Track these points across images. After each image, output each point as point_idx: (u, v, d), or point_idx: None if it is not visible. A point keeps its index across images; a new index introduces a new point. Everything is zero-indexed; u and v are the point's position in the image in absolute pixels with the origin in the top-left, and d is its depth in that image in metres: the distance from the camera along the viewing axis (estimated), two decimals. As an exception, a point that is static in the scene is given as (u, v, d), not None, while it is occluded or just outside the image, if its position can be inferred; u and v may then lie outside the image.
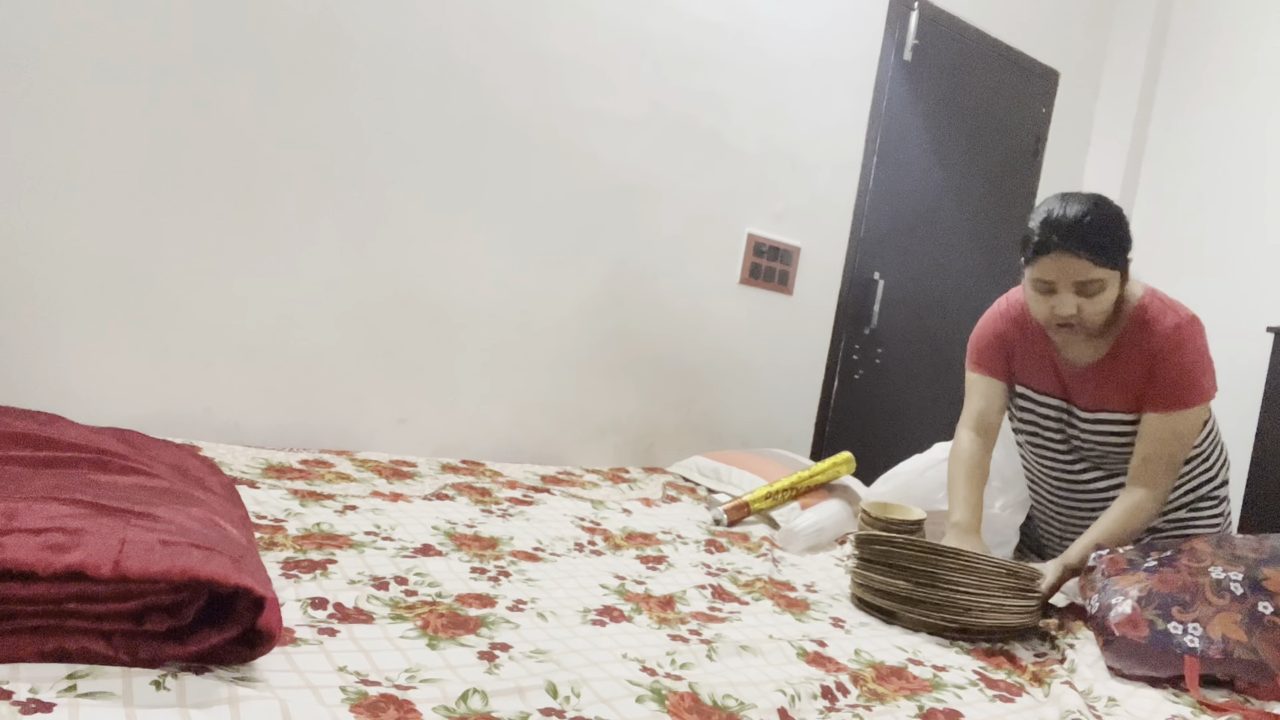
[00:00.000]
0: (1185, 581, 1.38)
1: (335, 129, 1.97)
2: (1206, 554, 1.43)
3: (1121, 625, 1.34)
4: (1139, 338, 1.58)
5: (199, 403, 1.89)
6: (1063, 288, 1.50)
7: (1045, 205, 1.52)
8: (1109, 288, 1.50)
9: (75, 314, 1.74)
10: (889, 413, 3.18)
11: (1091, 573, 1.51)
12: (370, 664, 0.95)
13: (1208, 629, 1.31)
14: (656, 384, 2.60)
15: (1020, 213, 3.50)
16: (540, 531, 1.60)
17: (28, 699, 0.71)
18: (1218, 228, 3.37)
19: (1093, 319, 1.52)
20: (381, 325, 2.10)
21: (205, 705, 0.76)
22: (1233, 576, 1.36)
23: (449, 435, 2.23)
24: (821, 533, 1.89)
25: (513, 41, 2.18)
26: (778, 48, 2.67)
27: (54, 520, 0.85)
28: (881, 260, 3.06)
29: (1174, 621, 1.33)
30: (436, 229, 2.14)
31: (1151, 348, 1.56)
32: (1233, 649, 1.28)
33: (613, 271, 2.45)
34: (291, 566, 1.19)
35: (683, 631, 1.23)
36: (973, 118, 3.25)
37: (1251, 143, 3.31)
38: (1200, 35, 3.52)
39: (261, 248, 1.92)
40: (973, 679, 1.23)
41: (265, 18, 1.86)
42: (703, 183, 2.58)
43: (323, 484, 1.64)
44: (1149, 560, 1.45)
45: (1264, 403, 2.82)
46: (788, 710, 1.01)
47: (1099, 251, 1.46)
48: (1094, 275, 1.47)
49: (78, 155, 1.70)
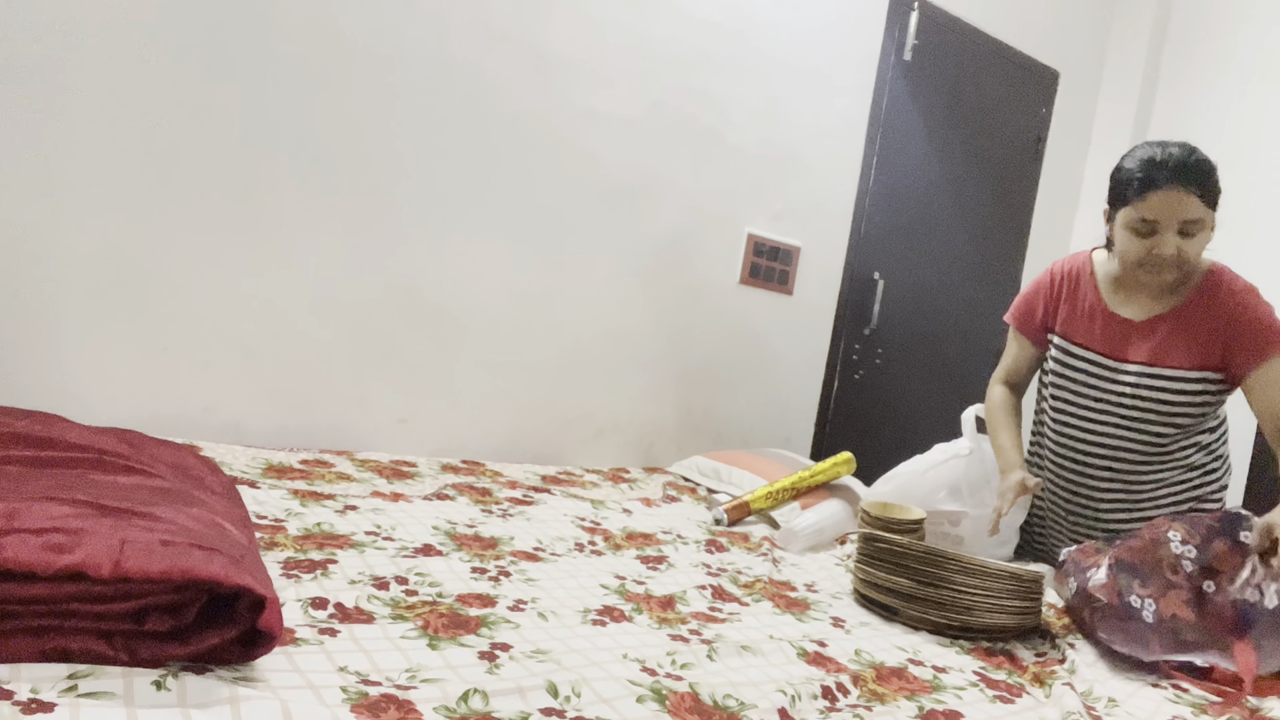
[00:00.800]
0: (1146, 553, 1.40)
1: (335, 129, 1.97)
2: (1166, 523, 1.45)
3: (1101, 590, 1.36)
4: (1214, 294, 1.62)
5: (199, 403, 1.89)
6: (1165, 227, 1.52)
7: (1139, 151, 1.56)
8: (1207, 229, 1.54)
9: (75, 314, 1.74)
10: (889, 413, 3.18)
11: (1064, 565, 1.54)
12: (371, 664, 0.95)
13: (1160, 606, 1.32)
14: (656, 384, 2.60)
15: (1021, 213, 3.51)
16: (541, 531, 1.60)
17: (29, 699, 0.72)
18: (1218, 227, 3.36)
19: (1190, 260, 1.55)
20: (381, 325, 2.10)
21: (206, 705, 0.76)
22: (1187, 553, 1.38)
23: (449, 435, 2.23)
24: (822, 533, 1.89)
25: (512, 41, 2.18)
26: (777, 47, 2.67)
27: (54, 520, 0.85)
28: (881, 260, 3.06)
29: (1134, 594, 1.35)
30: (437, 229, 2.14)
31: (1230, 305, 1.61)
32: (1180, 629, 1.29)
33: (612, 271, 2.45)
34: (292, 566, 1.19)
35: (683, 631, 1.23)
36: (973, 118, 3.25)
37: (1251, 143, 3.31)
38: (1200, 35, 3.52)
39: (262, 247, 1.92)
40: (973, 679, 1.23)
41: (265, 18, 1.86)
42: (703, 182, 2.58)
43: (323, 484, 1.64)
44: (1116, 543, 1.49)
45: (1264, 403, 2.82)
46: (788, 710, 1.01)
47: (1207, 189, 1.51)
48: (1199, 214, 1.51)
49: (77, 155, 1.70)
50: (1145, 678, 1.30)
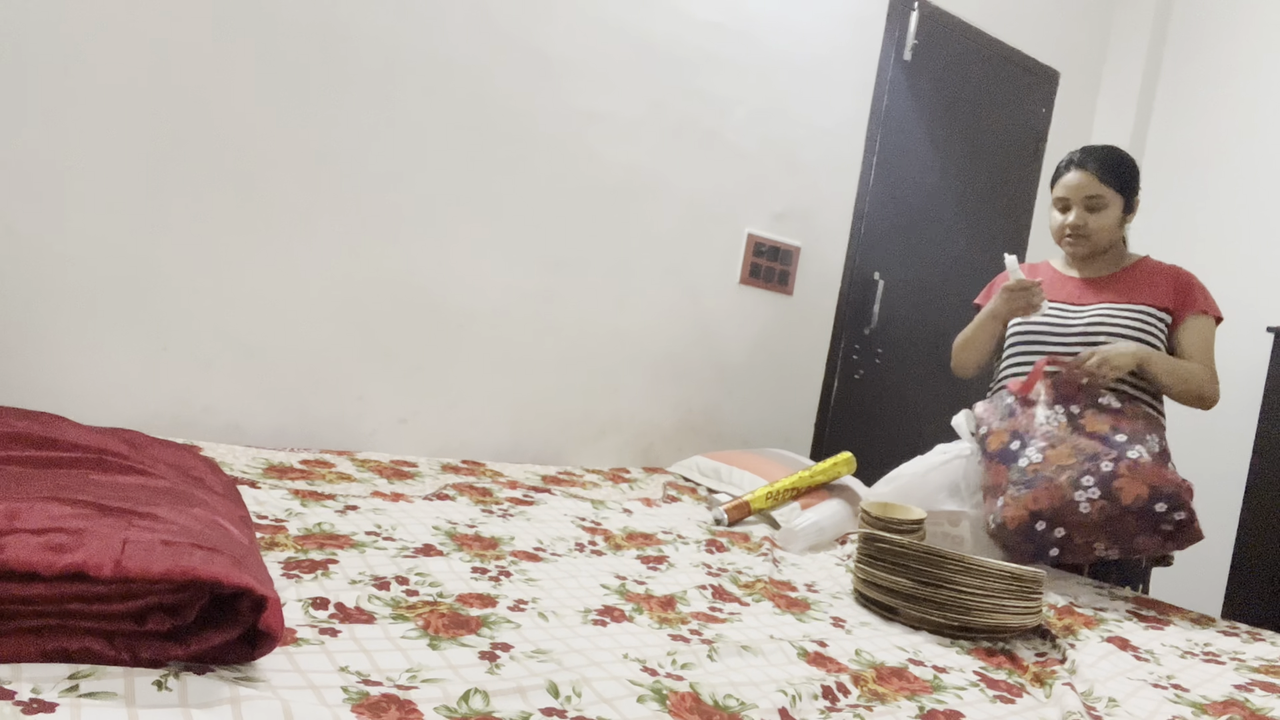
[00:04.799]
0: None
1: (336, 128, 1.97)
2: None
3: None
4: (1151, 267, 1.93)
5: (199, 403, 1.89)
6: (1074, 203, 1.89)
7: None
8: (1111, 207, 1.88)
9: (75, 314, 1.74)
10: (889, 413, 3.18)
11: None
12: (372, 664, 0.95)
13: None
14: (656, 384, 2.60)
15: (1021, 213, 3.51)
16: (541, 531, 1.60)
17: (30, 699, 0.71)
18: (1218, 227, 3.37)
19: (1097, 233, 1.89)
20: (382, 325, 2.10)
21: (207, 705, 0.76)
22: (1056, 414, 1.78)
23: (449, 435, 2.23)
24: (822, 533, 1.89)
25: (513, 41, 2.18)
26: (778, 47, 2.67)
27: (55, 520, 0.85)
28: (881, 260, 3.06)
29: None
30: (437, 228, 2.14)
31: (1170, 270, 1.91)
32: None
33: (613, 271, 2.45)
34: (293, 566, 1.19)
35: (684, 631, 1.23)
36: (973, 118, 3.25)
37: (1251, 143, 3.31)
38: (1200, 35, 3.52)
39: (262, 247, 1.92)
40: (973, 679, 1.23)
41: (265, 17, 1.86)
42: (703, 182, 2.58)
43: (323, 484, 1.64)
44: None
45: (1264, 403, 2.82)
46: (789, 710, 1.01)
47: (1107, 170, 1.86)
48: (1098, 191, 1.86)
49: (77, 155, 1.70)
50: (1146, 678, 1.30)
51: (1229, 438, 3.05)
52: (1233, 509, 2.92)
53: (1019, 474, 1.74)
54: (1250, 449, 2.82)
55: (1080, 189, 1.87)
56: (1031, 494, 1.69)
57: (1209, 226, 3.39)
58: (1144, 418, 1.76)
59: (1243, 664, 1.43)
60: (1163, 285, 1.88)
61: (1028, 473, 1.72)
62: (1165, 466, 1.68)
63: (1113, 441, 1.70)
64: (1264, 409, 2.81)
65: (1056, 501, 1.67)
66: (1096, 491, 1.65)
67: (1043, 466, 1.71)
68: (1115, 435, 1.71)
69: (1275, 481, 2.74)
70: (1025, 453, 1.75)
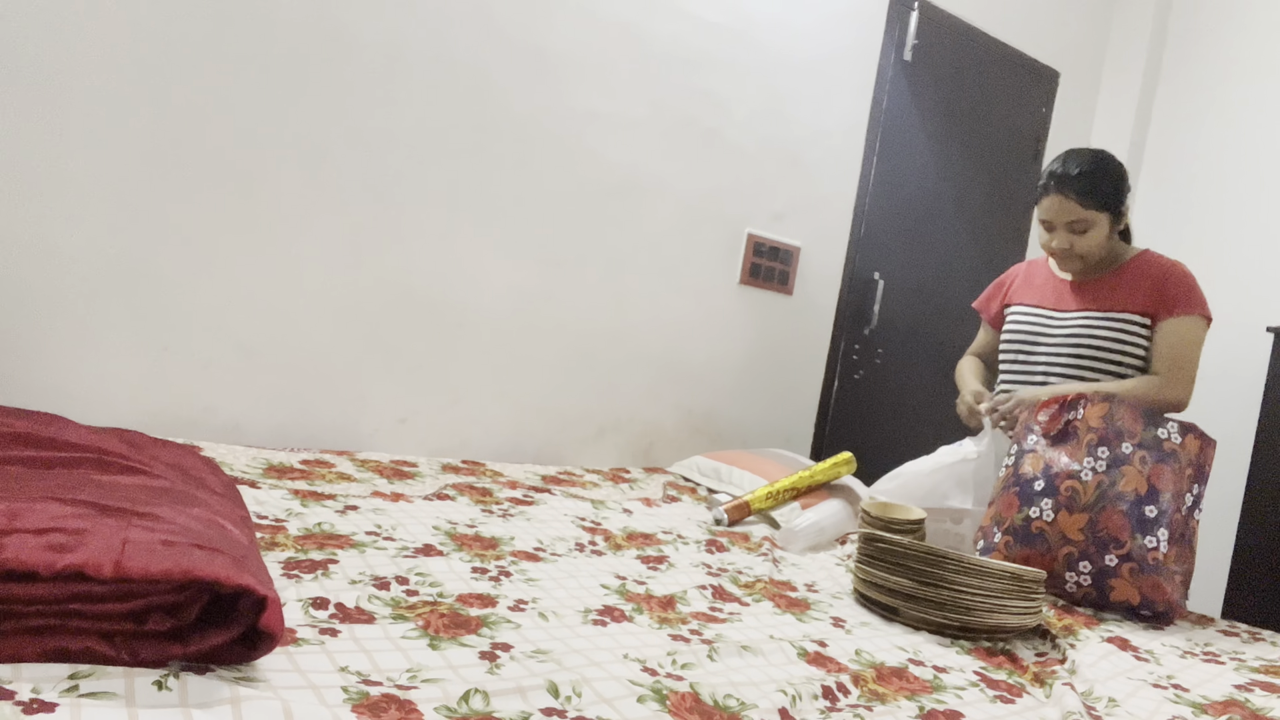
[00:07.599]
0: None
1: (336, 128, 1.97)
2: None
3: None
4: (1145, 260, 1.90)
5: (199, 403, 1.89)
6: (1058, 225, 1.85)
7: (1055, 157, 1.89)
8: (1096, 227, 1.83)
9: (75, 313, 1.74)
10: (889, 413, 3.18)
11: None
12: (372, 664, 0.95)
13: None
14: (656, 384, 2.60)
15: (1020, 213, 3.51)
16: (541, 531, 1.60)
17: (30, 699, 0.71)
18: (1218, 227, 3.37)
19: (1085, 252, 1.86)
20: (382, 325, 2.10)
21: (207, 705, 0.76)
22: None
23: (449, 435, 2.23)
24: (822, 533, 1.89)
25: (514, 41, 2.18)
26: (778, 47, 2.67)
27: (56, 520, 0.85)
28: (881, 260, 3.06)
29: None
30: (437, 228, 2.14)
31: (1157, 269, 1.86)
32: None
33: (613, 271, 2.45)
34: (293, 566, 1.19)
35: (684, 631, 1.23)
36: (973, 118, 3.25)
37: (1251, 143, 3.31)
38: (1200, 35, 3.52)
39: (262, 247, 1.92)
40: (973, 679, 1.23)
41: (265, 17, 1.86)
42: (703, 182, 2.58)
43: (323, 484, 1.64)
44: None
45: (1264, 403, 2.82)
46: (789, 710, 1.01)
47: (1086, 195, 1.80)
48: (1079, 215, 1.81)
49: (77, 154, 1.70)
50: (1146, 678, 1.30)
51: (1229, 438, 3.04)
52: (1233, 509, 2.92)
53: (1022, 522, 1.67)
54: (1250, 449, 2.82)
55: (1062, 214, 1.83)
56: (1024, 553, 1.66)
57: (1209, 226, 3.39)
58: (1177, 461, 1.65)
59: (1243, 664, 1.43)
60: (1145, 289, 1.85)
61: (1031, 529, 1.66)
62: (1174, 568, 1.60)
63: (1138, 519, 1.59)
64: (1264, 409, 2.81)
65: (1045, 568, 1.64)
66: (1088, 580, 1.62)
67: (1049, 530, 1.65)
68: (1145, 507, 1.59)
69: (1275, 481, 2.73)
70: (1040, 503, 1.67)
